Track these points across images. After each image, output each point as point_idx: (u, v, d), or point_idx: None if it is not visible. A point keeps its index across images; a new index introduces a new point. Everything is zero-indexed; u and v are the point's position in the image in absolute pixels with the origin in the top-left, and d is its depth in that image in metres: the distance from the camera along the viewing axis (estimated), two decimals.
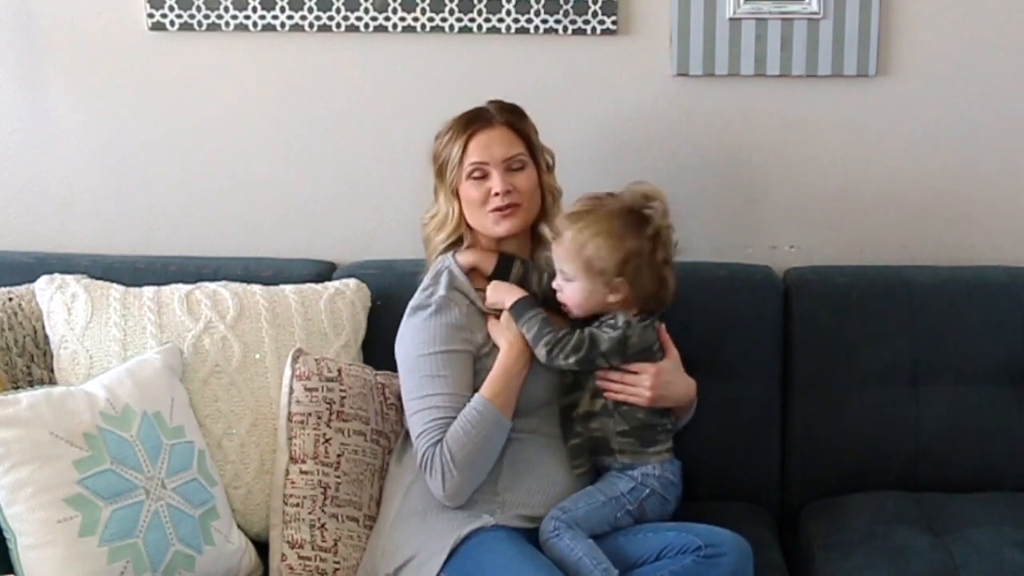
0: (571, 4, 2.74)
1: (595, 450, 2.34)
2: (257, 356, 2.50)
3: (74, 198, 2.90)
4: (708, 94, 2.79)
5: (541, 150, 2.46)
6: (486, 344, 2.36)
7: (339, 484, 2.40)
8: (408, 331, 2.38)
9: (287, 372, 2.44)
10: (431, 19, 2.76)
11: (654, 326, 2.35)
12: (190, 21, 2.78)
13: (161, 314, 2.51)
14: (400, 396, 2.46)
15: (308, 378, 2.42)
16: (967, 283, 2.68)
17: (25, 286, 2.58)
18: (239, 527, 2.43)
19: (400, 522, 2.33)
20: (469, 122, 2.41)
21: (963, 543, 2.39)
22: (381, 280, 2.67)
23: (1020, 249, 2.81)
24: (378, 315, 2.63)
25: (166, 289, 2.57)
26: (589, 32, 2.75)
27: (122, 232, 2.90)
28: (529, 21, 2.75)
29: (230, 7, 2.77)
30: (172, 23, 2.78)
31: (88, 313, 2.50)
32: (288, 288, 2.60)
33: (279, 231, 2.89)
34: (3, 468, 2.15)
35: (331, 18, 2.77)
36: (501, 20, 2.75)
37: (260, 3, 2.77)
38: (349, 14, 2.76)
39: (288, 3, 2.76)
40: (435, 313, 2.34)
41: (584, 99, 2.79)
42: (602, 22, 2.74)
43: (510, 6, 2.75)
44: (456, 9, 2.75)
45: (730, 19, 2.73)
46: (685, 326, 2.42)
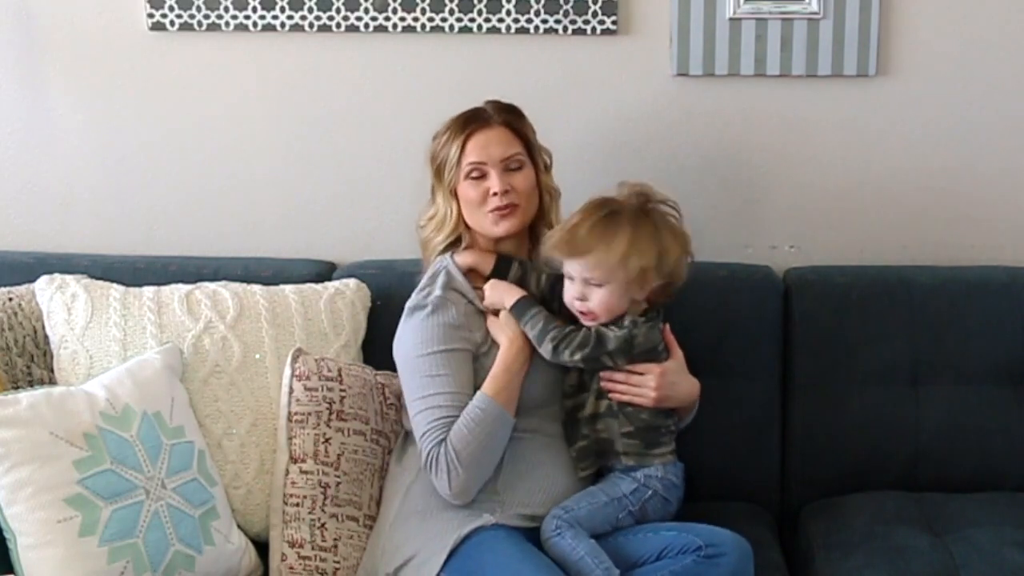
0: (571, 4, 2.73)
1: (600, 452, 2.34)
2: (257, 356, 2.50)
3: (74, 198, 2.90)
4: (708, 94, 2.79)
5: (539, 150, 2.46)
6: (484, 343, 2.36)
7: (339, 484, 2.40)
8: (407, 332, 2.37)
9: (287, 372, 2.44)
10: (431, 19, 2.76)
11: (659, 326, 2.34)
12: (190, 21, 2.78)
13: (161, 314, 2.51)
14: (400, 396, 2.46)
15: (308, 378, 2.42)
16: (967, 283, 2.68)
17: (25, 286, 2.58)
18: (239, 527, 2.43)
19: (400, 522, 2.32)
20: (467, 122, 2.40)
21: (963, 543, 2.39)
22: (381, 280, 2.67)
23: (1020, 249, 2.81)
24: (378, 315, 2.62)
25: (166, 289, 2.57)
26: (589, 32, 2.75)
27: (122, 232, 2.90)
28: (529, 21, 2.75)
29: (230, 7, 2.77)
30: (172, 23, 2.78)
31: (88, 313, 2.50)
32: (288, 288, 2.60)
33: (279, 231, 2.89)
34: (3, 468, 2.15)
35: (331, 18, 2.77)
36: (501, 20, 2.75)
37: (260, 3, 2.77)
38: (349, 14, 2.76)
39: (288, 3, 2.76)
40: (432, 313, 2.34)
41: (584, 99, 2.79)
42: (602, 22, 2.74)
43: (510, 6, 2.75)
44: (456, 9, 2.75)
45: (730, 19, 2.73)
46: (685, 326, 2.42)
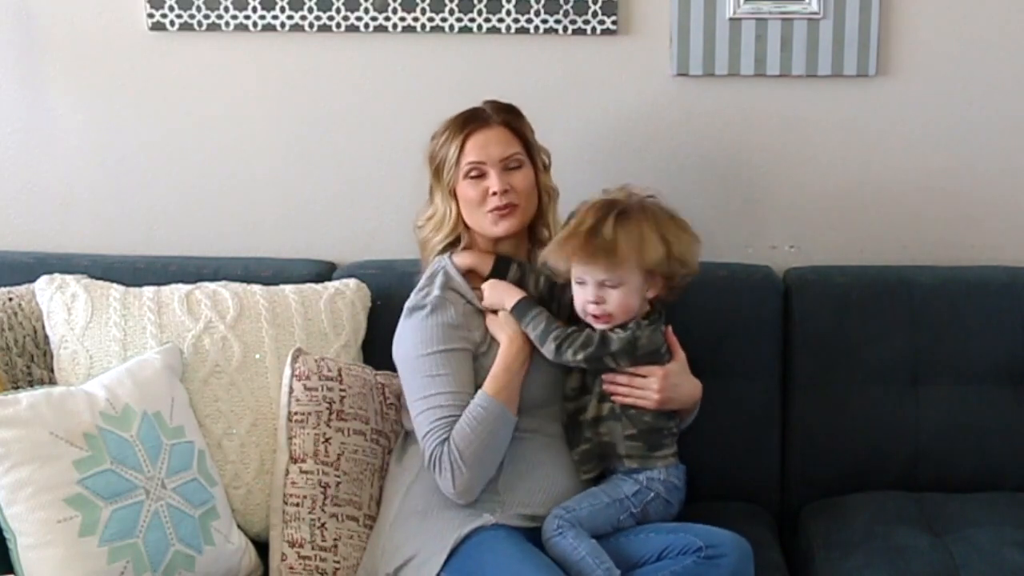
0: (571, 4, 2.73)
1: (603, 455, 2.33)
2: (257, 356, 2.50)
3: (74, 198, 2.90)
4: (708, 94, 2.79)
5: (538, 149, 2.46)
6: (484, 343, 2.36)
7: (339, 483, 2.40)
8: (406, 332, 2.37)
9: (287, 372, 2.44)
10: (431, 19, 2.76)
11: (661, 328, 2.34)
12: (190, 21, 2.78)
13: (161, 314, 2.51)
14: (400, 396, 2.46)
15: (308, 378, 2.42)
16: (967, 283, 2.68)
17: (25, 286, 2.58)
18: (239, 527, 2.43)
19: (400, 521, 2.32)
20: (466, 122, 2.40)
21: (963, 543, 2.39)
22: (381, 280, 2.67)
23: (1020, 249, 2.81)
24: (378, 315, 2.62)
25: (166, 289, 2.57)
26: (589, 32, 2.75)
27: (122, 232, 2.90)
28: (529, 21, 2.75)
29: (230, 7, 2.77)
30: (172, 23, 2.78)
31: (88, 313, 2.50)
32: (288, 288, 2.60)
33: (279, 231, 2.89)
34: (3, 468, 2.15)
35: (331, 18, 2.77)
36: (501, 20, 2.75)
37: (260, 3, 2.77)
38: (349, 14, 2.76)
39: (288, 3, 2.76)
40: (431, 313, 2.34)
41: (584, 99, 2.79)
42: (602, 22, 2.74)
43: (510, 6, 2.75)
44: (456, 9, 2.75)
45: (730, 19, 2.73)
46: (685, 326, 2.42)
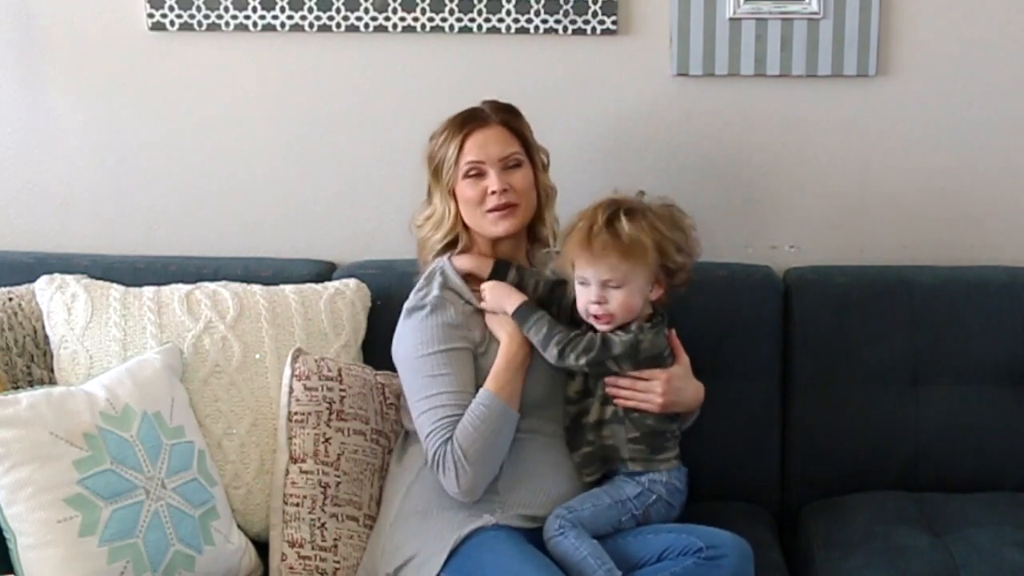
0: (571, 4, 2.73)
1: (605, 459, 2.33)
2: (257, 356, 2.50)
3: (74, 198, 2.90)
4: (708, 94, 2.78)
5: (536, 149, 2.46)
6: (483, 343, 2.35)
7: (339, 483, 2.40)
8: (406, 333, 2.37)
9: (287, 372, 2.44)
10: (431, 19, 2.76)
11: (664, 331, 2.33)
12: (190, 21, 2.78)
13: (161, 314, 2.51)
14: (399, 396, 2.46)
15: (308, 378, 2.42)
16: (967, 283, 2.68)
17: (25, 286, 2.58)
18: (239, 527, 2.43)
19: (400, 522, 2.32)
20: (465, 122, 2.40)
21: (963, 543, 2.39)
22: (381, 280, 2.67)
23: (1020, 249, 2.81)
24: (378, 315, 2.62)
25: (166, 289, 2.57)
26: (589, 32, 2.75)
27: (122, 232, 2.90)
28: (529, 21, 2.75)
29: (230, 7, 2.77)
30: (172, 23, 2.78)
31: (88, 313, 2.50)
32: (288, 288, 2.60)
33: (279, 231, 2.89)
34: (3, 468, 2.15)
35: (331, 18, 2.77)
36: (501, 20, 2.75)
37: (260, 3, 2.77)
38: (349, 14, 2.76)
39: (288, 3, 2.76)
40: (431, 313, 2.33)
41: (584, 99, 2.79)
42: (602, 22, 2.74)
43: (510, 6, 2.75)
44: (456, 9, 2.75)
45: (730, 19, 2.73)
46: (685, 326, 2.41)
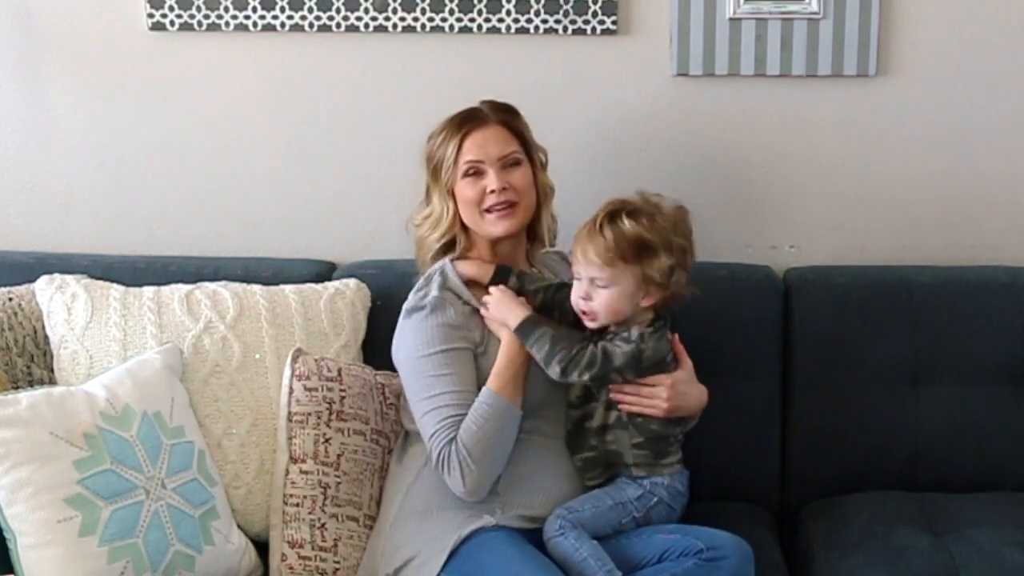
0: (571, 4, 2.73)
1: (608, 464, 2.32)
2: (257, 356, 2.50)
3: (74, 198, 2.90)
4: (708, 94, 2.78)
5: (535, 148, 2.45)
6: (483, 343, 2.35)
7: (339, 484, 2.40)
8: (406, 333, 2.37)
9: (287, 372, 2.44)
10: (431, 19, 2.76)
11: (667, 336, 2.32)
12: (190, 21, 2.78)
13: (161, 314, 2.51)
14: (399, 396, 2.46)
15: (308, 378, 2.42)
16: (967, 283, 2.68)
17: (25, 286, 2.58)
18: (239, 527, 2.43)
19: (400, 522, 2.32)
20: (463, 121, 2.40)
21: (963, 543, 2.39)
22: (381, 280, 2.67)
23: (1020, 249, 2.81)
24: (378, 315, 2.62)
25: (166, 289, 2.57)
26: (589, 32, 2.75)
27: (122, 232, 2.90)
28: (529, 21, 2.75)
29: (230, 7, 2.77)
30: (172, 23, 2.78)
31: (88, 313, 2.50)
32: (288, 288, 2.60)
33: (279, 231, 2.89)
34: (3, 468, 2.15)
35: (331, 18, 2.77)
36: (501, 20, 2.75)
37: (260, 3, 2.77)
38: (349, 14, 2.76)
39: (288, 3, 2.76)
40: (431, 313, 2.33)
41: (584, 99, 2.79)
42: (602, 22, 2.74)
43: (510, 6, 2.75)
44: (456, 9, 2.75)
45: (730, 19, 2.73)
46: (685, 326, 2.41)
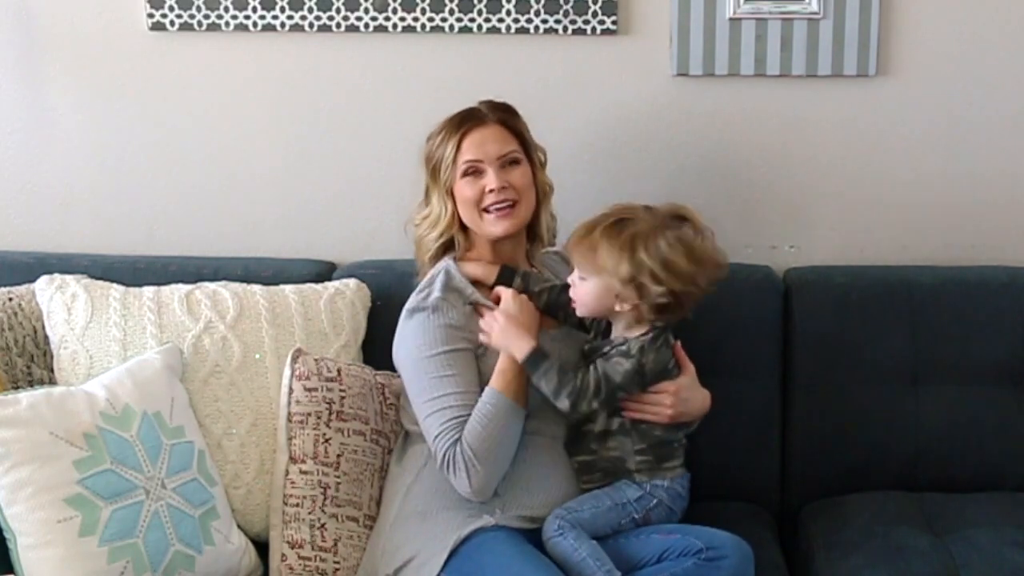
0: (571, 4, 2.73)
1: (607, 471, 2.30)
2: (257, 356, 2.50)
3: (74, 198, 2.90)
4: (708, 94, 2.78)
5: (534, 147, 2.45)
6: (483, 344, 2.35)
7: (339, 484, 2.40)
8: (408, 334, 2.36)
9: (287, 372, 2.44)
10: (431, 19, 2.76)
11: (669, 343, 2.31)
12: (190, 21, 2.78)
13: (161, 314, 2.51)
14: (399, 396, 2.46)
15: (308, 378, 2.42)
16: (967, 283, 2.68)
17: (25, 286, 2.58)
18: (239, 527, 2.43)
19: (400, 522, 2.32)
20: (462, 121, 2.40)
21: (963, 543, 2.39)
22: (381, 280, 2.67)
23: (1020, 249, 2.81)
24: (378, 315, 2.62)
25: (166, 289, 2.57)
26: (589, 32, 2.75)
27: (122, 232, 2.90)
28: (529, 21, 2.75)
29: (230, 7, 2.77)
30: (172, 23, 2.78)
31: (88, 313, 2.50)
32: (288, 288, 2.60)
33: (279, 231, 2.89)
34: (3, 468, 2.15)
35: (331, 18, 2.77)
36: (501, 20, 2.75)
37: (260, 3, 2.77)
38: (349, 14, 2.76)
39: (288, 3, 2.76)
40: (433, 314, 2.33)
41: (584, 99, 2.79)
42: (602, 22, 2.74)
43: (510, 6, 2.75)
44: (456, 9, 2.75)
45: (730, 19, 2.73)
46: (685, 326, 2.40)
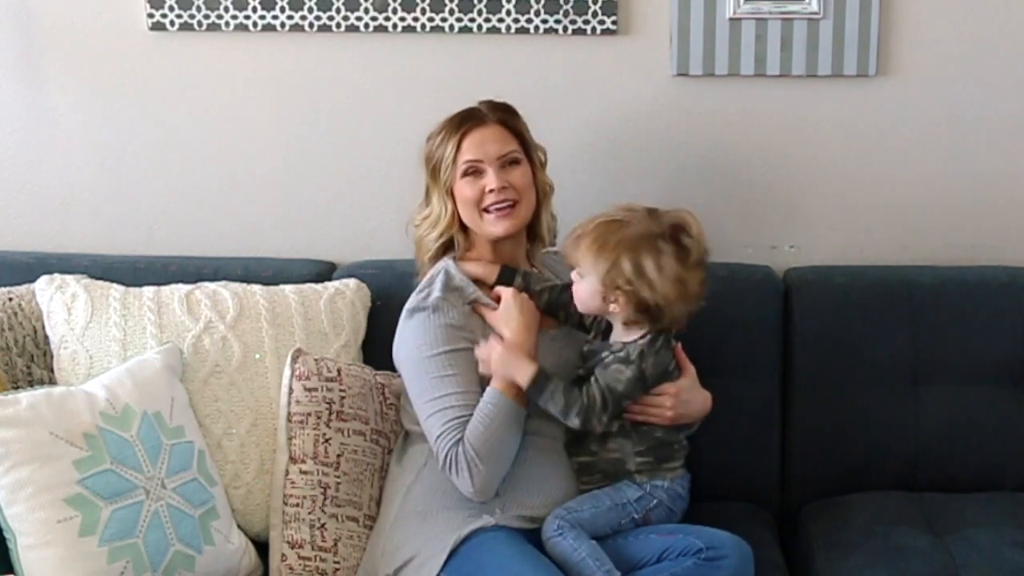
0: (571, 4, 2.73)
1: (607, 473, 2.30)
2: (257, 356, 2.50)
3: (74, 198, 2.90)
4: (708, 94, 2.78)
5: (534, 147, 2.45)
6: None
7: (339, 484, 2.40)
8: (408, 334, 2.36)
9: (287, 372, 2.44)
10: (431, 19, 2.76)
11: (669, 345, 2.31)
12: (190, 21, 2.78)
13: (161, 314, 2.51)
14: (399, 396, 2.46)
15: (308, 378, 2.42)
16: (967, 283, 2.68)
17: (25, 286, 2.58)
18: (239, 527, 2.43)
19: (400, 522, 2.32)
20: (462, 121, 2.40)
21: (963, 543, 2.39)
22: (381, 280, 2.67)
23: (1020, 249, 2.81)
24: (378, 315, 2.62)
25: (166, 289, 2.57)
26: (589, 32, 2.75)
27: (122, 232, 2.90)
28: (529, 21, 2.75)
29: (230, 7, 2.77)
30: (172, 23, 2.78)
31: (88, 313, 2.50)
32: (288, 288, 2.60)
33: (279, 231, 2.89)
34: (3, 468, 2.15)
35: (331, 18, 2.77)
36: (501, 20, 2.75)
37: (260, 3, 2.77)
38: (349, 14, 2.76)
39: (288, 3, 2.76)
40: (433, 313, 2.33)
41: (584, 99, 2.79)
42: (602, 22, 2.74)
43: (510, 6, 2.75)
44: (456, 9, 2.75)
45: (730, 19, 2.73)
46: (685, 326, 2.41)
